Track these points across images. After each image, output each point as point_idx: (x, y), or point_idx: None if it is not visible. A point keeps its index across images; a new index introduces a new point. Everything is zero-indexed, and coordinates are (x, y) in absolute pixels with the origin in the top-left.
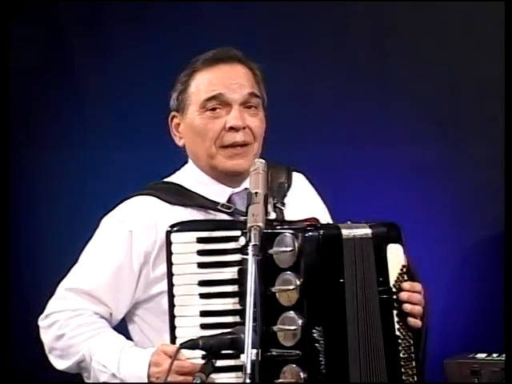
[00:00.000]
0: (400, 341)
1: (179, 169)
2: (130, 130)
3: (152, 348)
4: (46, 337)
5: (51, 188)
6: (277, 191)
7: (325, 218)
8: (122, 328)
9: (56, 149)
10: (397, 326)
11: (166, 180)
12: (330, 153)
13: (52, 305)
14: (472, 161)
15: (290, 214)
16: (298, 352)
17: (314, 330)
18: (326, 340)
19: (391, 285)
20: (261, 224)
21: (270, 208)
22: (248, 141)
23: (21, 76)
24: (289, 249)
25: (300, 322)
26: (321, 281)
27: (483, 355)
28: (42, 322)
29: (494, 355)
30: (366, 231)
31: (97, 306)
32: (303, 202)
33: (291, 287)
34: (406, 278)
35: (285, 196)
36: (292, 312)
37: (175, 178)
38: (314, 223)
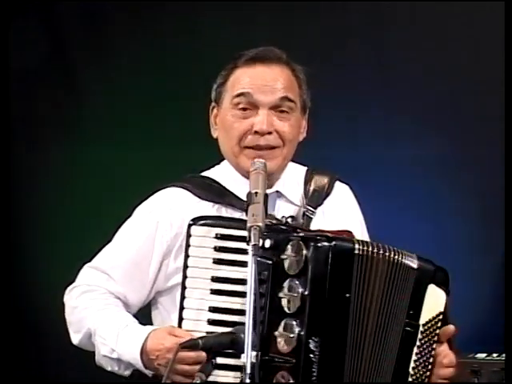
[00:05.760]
0: (411, 379)
1: (219, 163)
2: (130, 130)
3: (151, 326)
4: (66, 309)
5: (52, 188)
6: (310, 198)
7: (362, 233)
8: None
9: (56, 149)
10: (413, 364)
11: (203, 174)
12: (329, 153)
13: (75, 280)
14: (472, 161)
15: (325, 221)
16: (292, 360)
17: (310, 340)
18: (322, 352)
19: (421, 323)
20: (260, 224)
21: (296, 215)
22: (274, 144)
23: (21, 76)
24: (297, 256)
25: (297, 330)
26: (325, 292)
27: (483, 355)
28: (65, 296)
29: (494, 355)
30: (413, 261)
31: (112, 285)
32: (341, 212)
33: (294, 294)
34: (439, 325)
35: (319, 204)
36: (292, 319)
37: (212, 173)
38: (326, 234)
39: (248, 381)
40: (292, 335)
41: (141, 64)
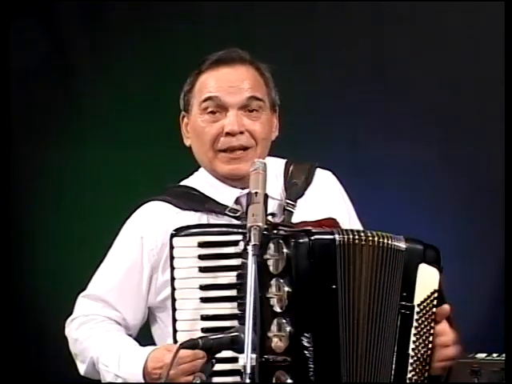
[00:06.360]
0: (412, 360)
1: (197, 170)
2: (130, 130)
3: (151, 346)
4: (69, 342)
5: (51, 188)
6: (289, 192)
7: (350, 217)
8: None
9: (56, 149)
10: (412, 345)
11: (181, 183)
12: (329, 153)
13: (73, 312)
14: (472, 161)
15: (309, 211)
16: (287, 358)
17: (302, 337)
18: (316, 346)
19: (415, 303)
20: (260, 224)
21: (277, 210)
22: (247, 145)
23: (21, 76)
24: (279, 255)
25: (288, 328)
26: (311, 287)
27: (483, 355)
28: (65, 329)
29: (494, 355)
30: (401, 243)
31: (108, 311)
32: (324, 199)
33: (281, 293)
34: (435, 303)
35: (300, 196)
36: (282, 318)
37: (191, 181)
38: (308, 228)
39: (248, 380)
40: (284, 334)
41: (141, 64)
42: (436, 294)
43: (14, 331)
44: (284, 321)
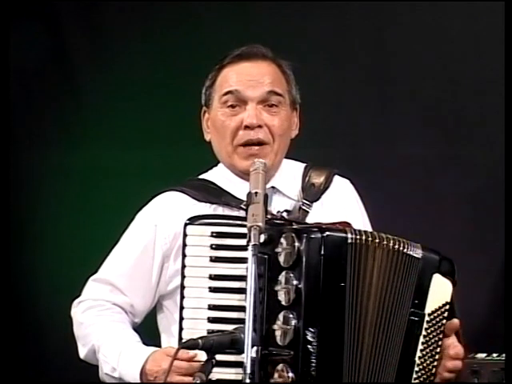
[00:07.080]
0: (417, 369)
1: (216, 165)
2: (130, 130)
3: (153, 347)
4: (73, 323)
5: (51, 188)
6: (307, 193)
7: (364, 225)
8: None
9: (56, 149)
10: (419, 353)
11: (200, 177)
12: (330, 153)
13: (81, 295)
14: (472, 161)
15: (324, 214)
16: (290, 352)
17: (307, 332)
18: (320, 342)
19: (426, 312)
20: (260, 224)
21: (292, 209)
22: (264, 139)
23: (21, 76)
24: (289, 248)
25: (294, 322)
26: (320, 282)
27: (483, 355)
28: (72, 309)
29: (494, 355)
30: (418, 251)
31: (117, 297)
32: (340, 205)
33: (289, 287)
34: (445, 315)
35: (316, 199)
36: (288, 311)
37: (209, 175)
38: (319, 226)
39: (248, 380)
40: (289, 327)
41: (141, 64)
42: (447, 307)
43: (13, 331)
44: (290, 315)
